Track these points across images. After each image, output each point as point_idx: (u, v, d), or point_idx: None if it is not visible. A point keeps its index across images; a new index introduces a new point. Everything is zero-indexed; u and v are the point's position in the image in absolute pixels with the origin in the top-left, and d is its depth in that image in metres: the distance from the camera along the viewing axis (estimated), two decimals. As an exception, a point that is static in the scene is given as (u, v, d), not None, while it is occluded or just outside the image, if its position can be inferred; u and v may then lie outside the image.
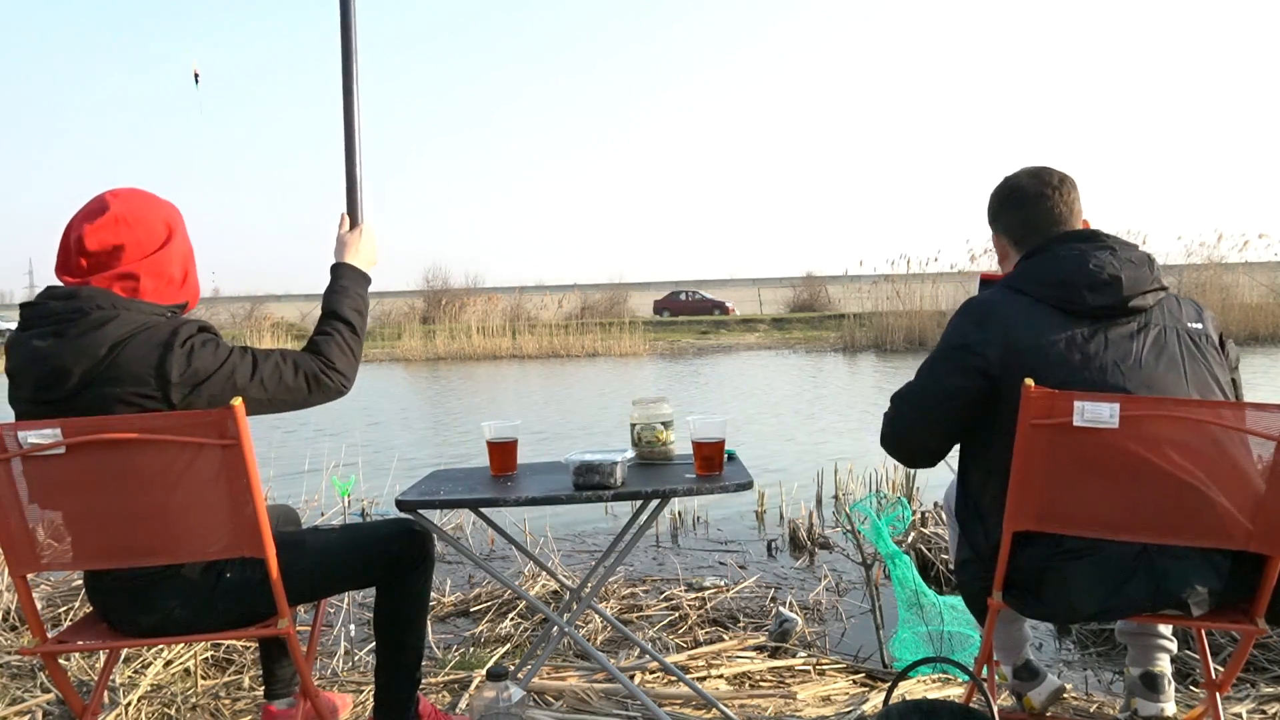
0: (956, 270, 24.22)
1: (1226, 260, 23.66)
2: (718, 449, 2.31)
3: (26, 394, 1.76)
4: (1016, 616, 2.14)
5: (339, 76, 2.21)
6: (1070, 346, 1.77)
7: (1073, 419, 1.66)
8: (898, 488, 6.04)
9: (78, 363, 1.70)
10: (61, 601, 3.64)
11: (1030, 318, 1.80)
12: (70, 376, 1.70)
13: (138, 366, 1.72)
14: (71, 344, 1.70)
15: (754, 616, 3.92)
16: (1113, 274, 1.78)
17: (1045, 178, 1.97)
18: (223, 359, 1.78)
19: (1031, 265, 1.87)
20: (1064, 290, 1.80)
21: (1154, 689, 2.08)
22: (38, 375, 1.72)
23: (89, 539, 1.78)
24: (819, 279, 41.38)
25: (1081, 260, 1.81)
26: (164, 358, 1.72)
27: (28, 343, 1.74)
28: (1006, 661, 2.24)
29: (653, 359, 23.67)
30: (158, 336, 1.74)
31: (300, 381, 1.88)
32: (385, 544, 2.04)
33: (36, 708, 2.59)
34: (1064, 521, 1.74)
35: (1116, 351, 1.77)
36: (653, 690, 2.64)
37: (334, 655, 3.26)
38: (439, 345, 27.05)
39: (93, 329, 1.71)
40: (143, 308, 1.78)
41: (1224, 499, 1.66)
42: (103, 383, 1.71)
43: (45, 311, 1.74)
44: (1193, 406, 1.69)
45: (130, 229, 1.81)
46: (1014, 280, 1.89)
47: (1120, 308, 1.78)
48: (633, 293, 41.15)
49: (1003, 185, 2.03)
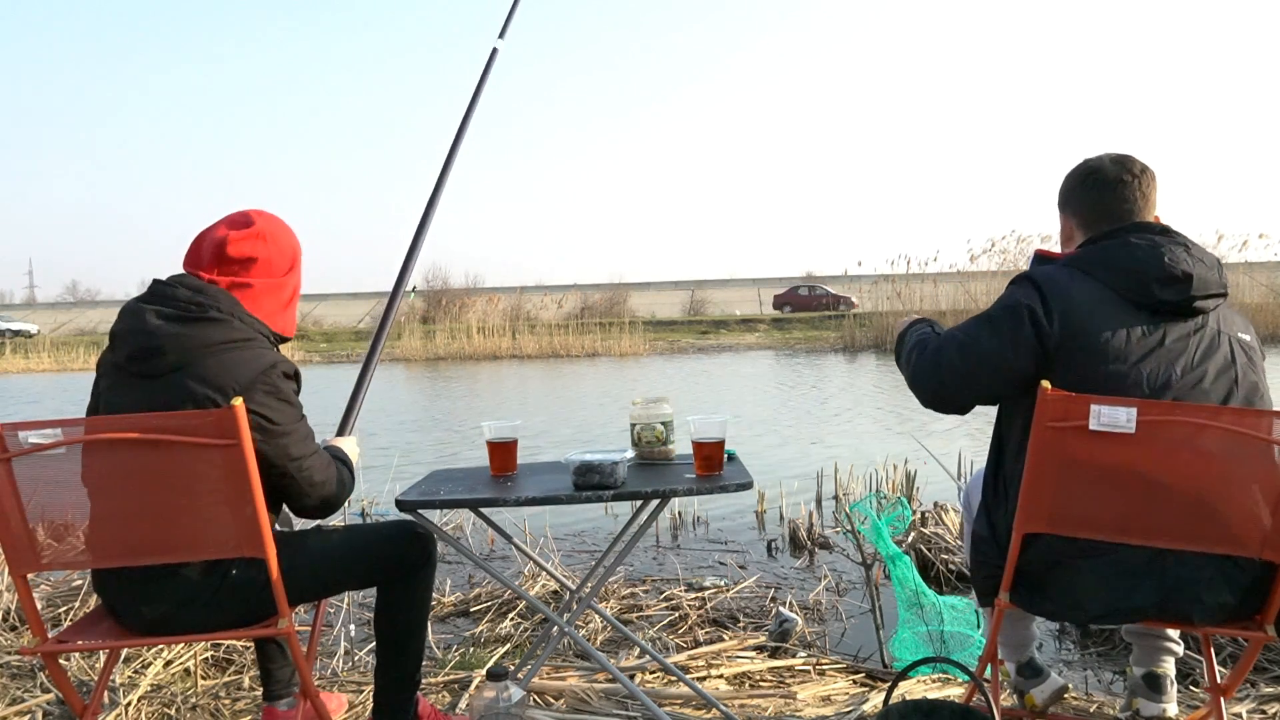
0: (956, 270, 24.24)
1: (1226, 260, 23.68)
2: (718, 449, 2.31)
3: (120, 358, 1.83)
4: (1024, 615, 2.13)
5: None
6: (1129, 339, 1.73)
7: (1089, 423, 1.64)
8: (898, 488, 6.05)
9: (178, 348, 1.79)
10: (61, 601, 3.64)
11: (1094, 302, 1.75)
12: (166, 358, 1.79)
13: (227, 376, 1.79)
14: (181, 330, 1.80)
15: (754, 616, 3.92)
16: (1185, 270, 1.74)
17: (1128, 164, 1.90)
18: (292, 422, 1.87)
19: (1102, 250, 1.82)
20: (1133, 279, 1.75)
21: (1157, 689, 2.06)
22: (137, 346, 1.80)
23: (90, 538, 1.79)
24: (819, 279, 41.40)
25: (1155, 252, 1.76)
26: (253, 383, 1.80)
27: (143, 314, 1.82)
28: (1011, 658, 2.22)
29: (653, 359, 23.67)
30: (257, 359, 1.84)
31: (322, 479, 1.94)
32: (388, 545, 2.04)
33: (36, 708, 2.59)
34: (1076, 524, 1.72)
35: (1172, 351, 1.74)
36: (653, 690, 2.64)
37: (334, 655, 3.26)
38: (439, 345, 27.07)
39: (206, 325, 1.82)
40: (251, 322, 1.90)
41: (1239, 506, 1.65)
42: (189, 374, 1.79)
43: (172, 295, 1.84)
44: (1210, 413, 1.66)
45: (267, 246, 1.96)
46: (1080, 261, 1.83)
47: (1185, 306, 1.75)
48: (633, 293, 41.16)
49: (1082, 167, 1.96)
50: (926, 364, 1.90)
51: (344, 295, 47.60)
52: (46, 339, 35.90)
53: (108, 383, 1.88)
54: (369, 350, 2.60)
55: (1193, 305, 1.75)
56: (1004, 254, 23.14)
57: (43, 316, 47.98)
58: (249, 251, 1.94)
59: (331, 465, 2.00)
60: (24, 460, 1.73)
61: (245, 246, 1.93)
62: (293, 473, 1.89)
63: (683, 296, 44.15)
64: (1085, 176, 1.94)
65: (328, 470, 1.98)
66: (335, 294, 47.96)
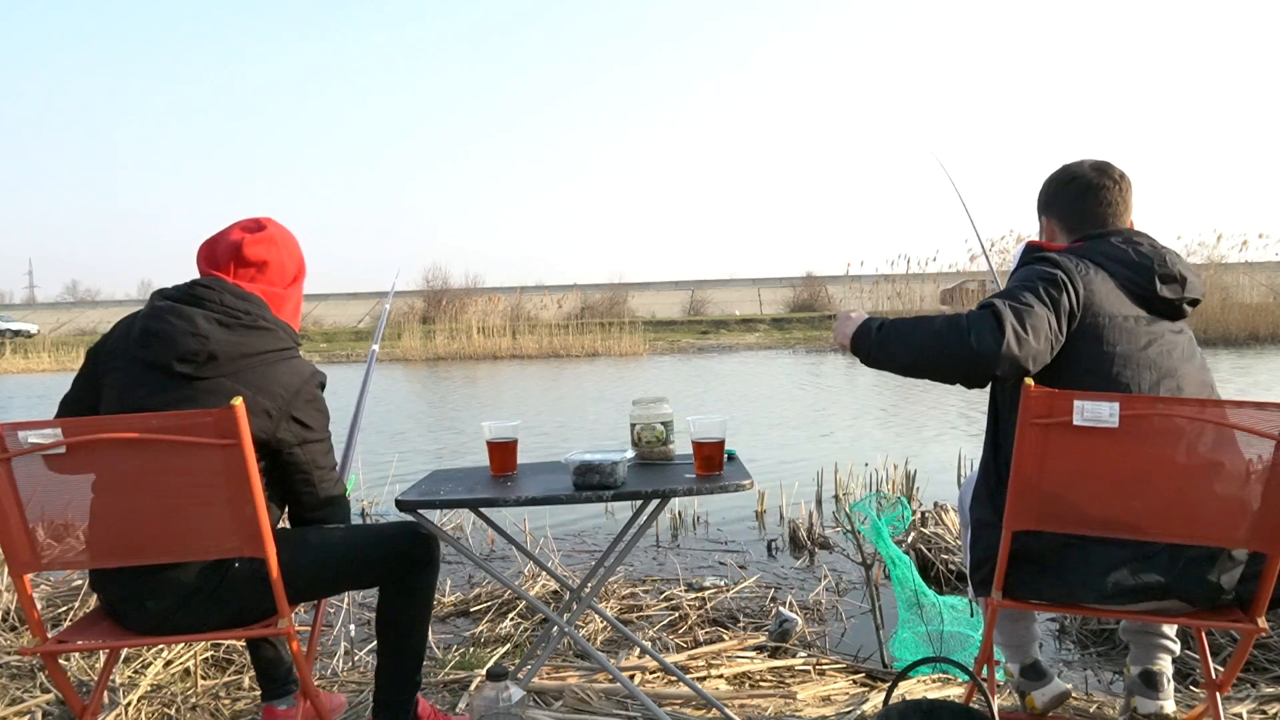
0: (956, 270, 24.26)
1: (1226, 260, 23.70)
2: (718, 449, 2.31)
3: (163, 359, 1.83)
4: (1024, 615, 2.13)
5: None
6: (1138, 322, 1.82)
7: (1073, 418, 1.66)
8: (898, 488, 6.05)
9: (232, 354, 1.85)
10: (61, 601, 3.64)
11: (1106, 286, 1.83)
12: (218, 362, 1.84)
13: (276, 384, 1.87)
14: (234, 337, 1.86)
15: (754, 616, 3.92)
16: (1181, 273, 1.85)
17: (1107, 170, 1.99)
18: (324, 430, 1.99)
19: (1107, 244, 1.90)
20: (1137, 274, 1.84)
21: (1153, 687, 2.07)
22: (190, 349, 1.82)
23: (91, 538, 1.78)
24: (819, 279, 41.42)
25: (1157, 251, 1.87)
26: (298, 392, 1.90)
27: (194, 319, 1.84)
28: (1014, 659, 2.22)
29: (653, 359, 23.68)
30: (302, 369, 1.95)
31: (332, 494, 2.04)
32: (390, 544, 2.04)
33: (36, 708, 2.59)
34: (1064, 520, 1.74)
35: (1169, 341, 1.84)
36: (653, 690, 2.64)
37: (334, 655, 3.26)
38: (439, 345, 27.07)
39: (256, 334, 1.89)
40: (289, 332, 1.99)
41: (1224, 498, 1.67)
42: (241, 380, 1.84)
43: (220, 301, 1.89)
44: (1193, 406, 1.69)
45: (279, 251, 2.03)
46: (1085, 252, 1.90)
47: (1178, 306, 1.86)
48: (633, 293, 41.15)
49: (1062, 172, 2.04)
50: (1011, 333, 1.73)
51: (344, 295, 47.73)
52: (46, 339, 35.92)
53: (126, 380, 1.87)
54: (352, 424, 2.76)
55: (1182, 307, 1.87)
56: (1003, 254, 23.19)
57: (43, 316, 47.95)
58: (264, 255, 1.99)
59: (340, 485, 2.10)
60: (24, 460, 1.73)
61: (260, 250, 1.99)
62: (315, 480, 1.98)
63: (683, 296, 44.14)
64: (1068, 182, 2.02)
65: (337, 487, 2.07)
66: (335, 294, 48.09)
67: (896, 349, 1.88)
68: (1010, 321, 1.74)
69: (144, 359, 1.85)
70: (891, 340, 1.89)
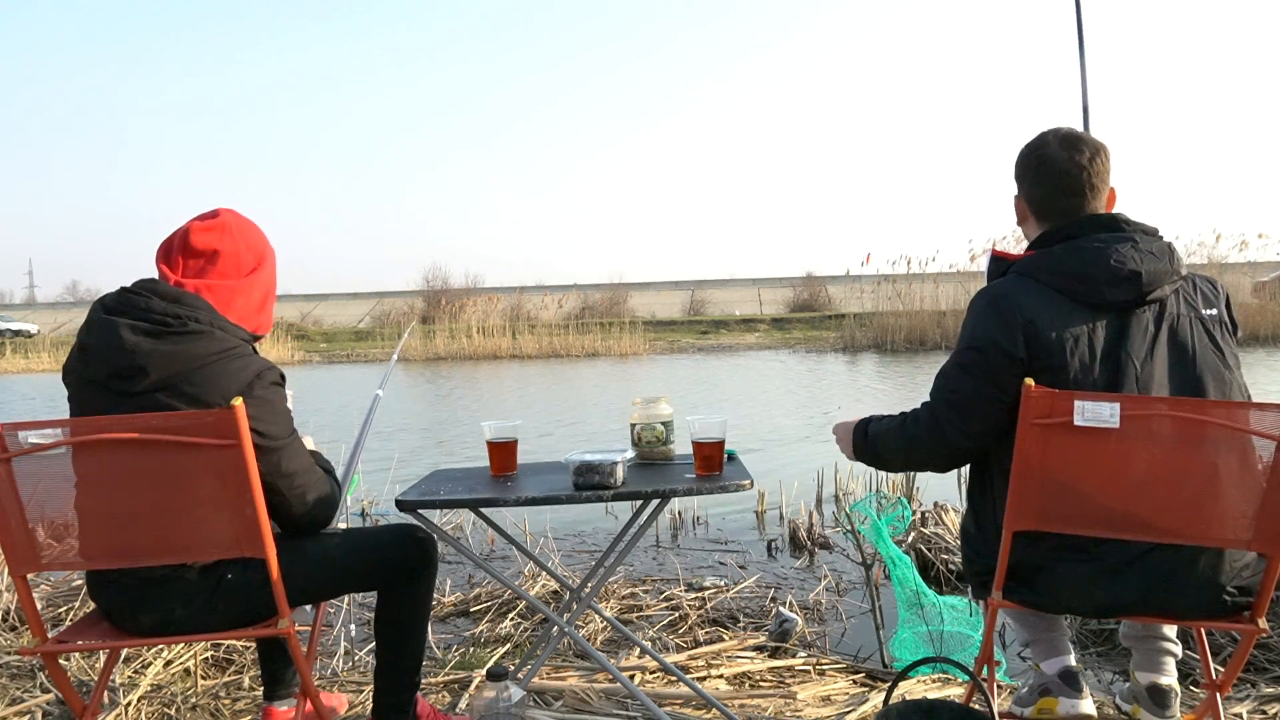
0: (956, 270, 24.23)
1: (1226, 260, 23.68)
2: (718, 449, 2.31)
3: (99, 376, 1.78)
4: (1054, 616, 2.10)
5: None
6: (1090, 338, 1.77)
7: (1073, 419, 1.66)
8: (898, 488, 6.05)
9: (163, 367, 1.75)
10: (61, 601, 3.64)
11: (1049, 308, 1.79)
12: (149, 376, 1.75)
13: (212, 391, 1.77)
14: (163, 347, 1.75)
15: (754, 616, 3.92)
16: (1133, 269, 1.77)
17: (1077, 149, 1.89)
18: (284, 435, 1.86)
19: (1051, 256, 1.85)
20: (1083, 284, 1.79)
21: (1162, 705, 2.03)
22: (120, 365, 1.75)
23: (90, 539, 1.78)
24: (819, 279, 41.41)
25: (1102, 255, 1.79)
26: (240, 395, 1.73)
27: (118, 330, 1.75)
28: (1044, 656, 2.12)
29: (653, 359, 23.67)
30: (243, 369, 1.81)
31: (315, 497, 1.93)
32: (388, 549, 2.04)
33: (36, 708, 2.59)
34: (1065, 521, 1.73)
35: (1132, 344, 1.77)
36: (653, 690, 2.64)
37: (334, 655, 3.26)
38: (439, 345, 27.05)
39: (188, 340, 1.77)
40: (231, 329, 1.85)
41: (1225, 499, 1.66)
42: (173, 393, 1.76)
43: (147, 307, 1.78)
44: (1193, 406, 1.68)
45: (232, 240, 1.91)
46: (1029, 268, 1.86)
47: (1138, 301, 1.79)
48: (633, 292, 41.15)
49: (1032, 150, 1.95)
50: (924, 432, 1.90)
51: (344, 295, 47.68)
52: (46, 339, 35.90)
53: (81, 397, 1.83)
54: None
55: (1145, 299, 1.79)
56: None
57: (43, 316, 47.91)
58: (214, 244, 1.89)
59: (326, 482, 1.98)
60: (24, 460, 1.73)
61: (210, 238, 1.89)
62: (283, 489, 1.85)
63: (683, 296, 44.12)
64: (1036, 165, 1.94)
65: (321, 487, 1.95)
66: (335, 294, 48.05)
67: (885, 454, 2.02)
68: (941, 416, 1.87)
69: (87, 377, 1.81)
70: (877, 444, 2.02)
